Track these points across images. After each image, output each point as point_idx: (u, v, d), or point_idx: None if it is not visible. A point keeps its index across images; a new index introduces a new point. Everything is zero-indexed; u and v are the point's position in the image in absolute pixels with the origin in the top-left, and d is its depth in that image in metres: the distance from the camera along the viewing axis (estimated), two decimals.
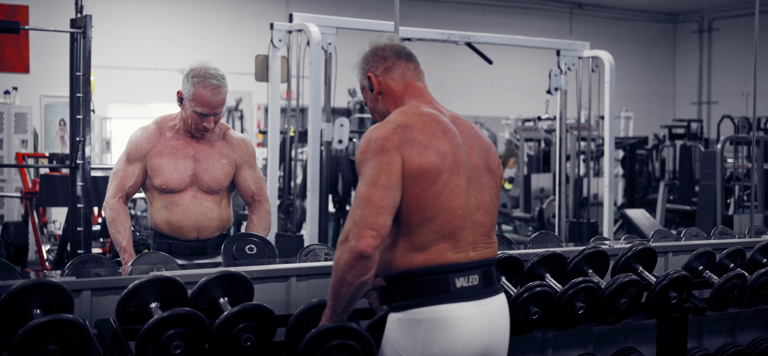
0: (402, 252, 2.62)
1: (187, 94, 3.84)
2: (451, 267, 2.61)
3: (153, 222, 4.01)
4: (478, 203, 2.69)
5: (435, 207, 2.58)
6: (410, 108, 2.72)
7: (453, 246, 2.62)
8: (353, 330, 2.72)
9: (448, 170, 2.60)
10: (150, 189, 3.97)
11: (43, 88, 12.37)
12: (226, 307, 2.87)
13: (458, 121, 2.77)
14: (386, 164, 2.55)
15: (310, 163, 6.78)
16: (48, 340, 2.47)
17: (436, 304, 2.58)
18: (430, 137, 2.61)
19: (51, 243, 8.63)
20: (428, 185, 2.57)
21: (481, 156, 2.74)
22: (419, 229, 2.59)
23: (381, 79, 2.80)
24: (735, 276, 3.85)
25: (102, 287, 2.93)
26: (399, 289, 2.63)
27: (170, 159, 3.90)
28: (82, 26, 5.81)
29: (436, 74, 17.25)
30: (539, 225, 10.72)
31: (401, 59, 2.82)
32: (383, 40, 2.85)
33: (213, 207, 3.98)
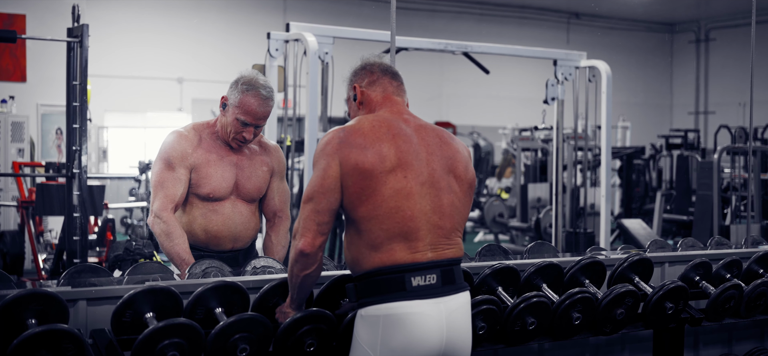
0: (360, 251, 2.77)
1: (234, 100, 3.71)
2: (407, 267, 2.73)
3: (186, 226, 3.78)
4: (436, 206, 2.80)
5: (380, 207, 2.72)
6: (371, 115, 2.90)
7: (408, 247, 2.74)
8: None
9: (389, 172, 2.74)
10: (188, 199, 3.78)
11: (40, 96, 12.37)
12: (221, 318, 2.86)
13: (424, 130, 2.90)
14: (324, 169, 2.74)
15: (307, 172, 6.78)
16: (43, 350, 2.45)
17: (392, 301, 2.71)
18: (373, 140, 2.76)
19: (47, 253, 8.61)
20: (367, 184, 2.72)
21: (442, 162, 2.85)
22: (369, 228, 2.74)
23: (364, 91, 2.98)
24: (731, 286, 3.85)
25: (97, 297, 2.91)
26: (362, 287, 2.78)
27: (216, 167, 3.77)
28: (78, 35, 5.80)
29: (433, 84, 17.29)
30: (536, 235, 10.72)
31: (386, 76, 3.00)
32: (374, 58, 3.05)
33: (250, 217, 3.87)
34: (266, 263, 3.52)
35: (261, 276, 3.30)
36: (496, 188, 14.16)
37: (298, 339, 2.89)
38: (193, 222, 3.78)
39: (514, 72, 16.95)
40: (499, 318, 3.32)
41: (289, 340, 2.88)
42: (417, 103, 15.26)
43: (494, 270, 3.47)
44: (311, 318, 2.90)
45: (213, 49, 14.94)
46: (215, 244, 3.79)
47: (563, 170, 9.00)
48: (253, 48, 11.20)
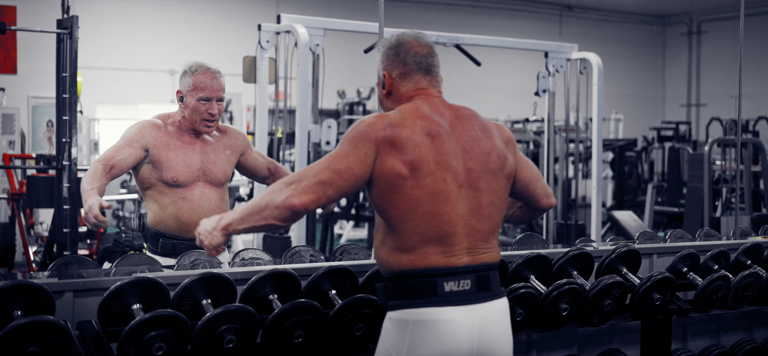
0: (391, 252, 2.65)
1: (187, 86, 3.89)
2: (440, 271, 2.61)
3: (157, 222, 3.93)
4: (474, 209, 2.67)
5: (416, 210, 2.60)
6: (409, 107, 2.73)
7: (442, 250, 2.62)
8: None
9: (427, 175, 2.60)
10: (156, 186, 3.91)
11: (31, 89, 12.34)
12: (208, 309, 2.86)
13: (461, 123, 2.75)
14: (360, 155, 2.60)
15: (298, 164, 6.77)
16: (28, 342, 2.45)
17: (423, 307, 2.59)
18: (413, 142, 2.62)
19: (38, 245, 8.60)
20: (403, 186, 2.60)
21: (480, 159, 2.71)
22: (402, 230, 2.62)
23: (394, 82, 2.81)
24: (719, 277, 3.86)
25: (84, 288, 2.91)
26: (392, 289, 2.67)
27: (178, 152, 3.89)
28: (68, 27, 5.79)
29: None
30: (527, 226, 10.73)
31: (419, 71, 2.80)
32: (411, 40, 2.82)
33: (219, 202, 3.98)
34: (254, 254, 3.53)
35: (249, 267, 3.30)
36: None
37: (286, 331, 2.89)
38: (164, 211, 3.91)
39: (505, 64, 16.95)
40: None
41: (277, 331, 2.88)
42: None
43: None
44: (300, 310, 2.90)
45: (205, 42, 14.89)
46: (186, 231, 3.88)
47: (555, 162, 9.01)
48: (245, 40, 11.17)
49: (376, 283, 2.77)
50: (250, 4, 15.43)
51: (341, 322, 3.00)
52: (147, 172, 3.90)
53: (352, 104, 12.46)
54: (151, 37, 14.69)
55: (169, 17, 14.94)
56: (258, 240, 6.82)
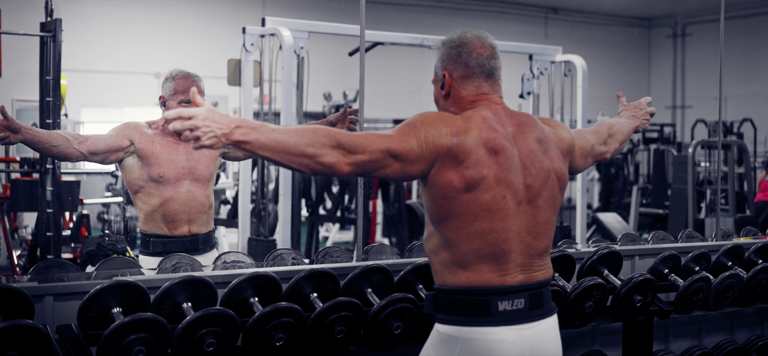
0: (446, 266, 2.60)
1: (168, 91, 4.13)
2: (495, 290, 2.55)
3: (148, 223, 4.13)
4: (531, 226, 2.61)
5: (472, 225, 2.53)
6: (474, 116, 2.60)
7: (498, 269, 2.56)
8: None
9: (487, 190, 2.52)
10: (145, 188, 4.10)
11: (15, 92, 12.29)
12: (189, 312, 2.85)
13: (522, 134, 2.65)
14: (423, 150, 2.50)
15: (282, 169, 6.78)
16: (7, 346, 2.45)
17: (475, 325, 2.54)
18: (476, 156, 2.52)
19: (22, 249, 8.57)
20: (460, 200, 2.52)
21: (540, 174, 2.64)
22: (457, 244, 2.55)
23: (454, 84, 2.69)
24: (699, 279, 3.88)
25: (64, 292, 2.91)
26: (443, 302, 2.61)
27: (164, 149, 4.09)
28: (51, 30, 5.79)
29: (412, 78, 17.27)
30: None
31: (481, 75, 2.68)
32: (475, 40, 2.70)
33: (204, 200, 4.19)
34: (236, 258, 3.53)
35: (230, 270, 3.30)
36: None
37: (266, 334, 2.89)
38: (154, 210, 4.11)
39: None
40: None
41: (258, 334, 2.88)
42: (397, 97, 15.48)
43: None
44: (280, 313, 2.90)
45: (191, 43, 14.87)
46: (173, 227, 4.12)
47: None
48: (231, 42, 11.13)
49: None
50: (238, 7, 15.41)
51: (322, 325, 3.00)
52: (136, 171, 4.08)
53: (338, 106, 12.47)
54: (136, 40, 14.65)
55: (154, 20, 14.90)
56: (243, 243, 6.82)
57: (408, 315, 3.16)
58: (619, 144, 3.27)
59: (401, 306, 3.12)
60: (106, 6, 14.37)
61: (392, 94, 16.98)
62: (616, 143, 3.25)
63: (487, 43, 2.71)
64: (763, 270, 4.13)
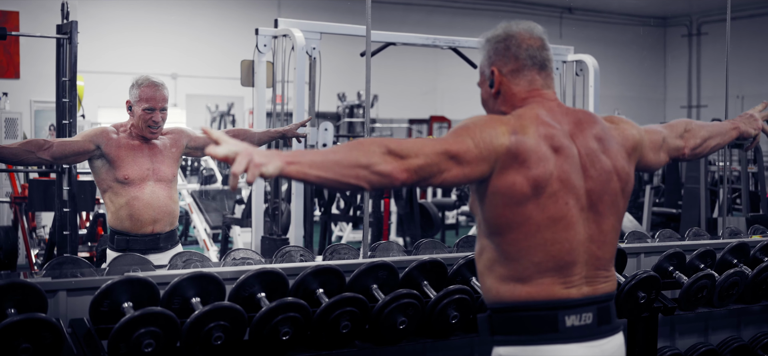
0: (502, 281, 2.38)
1: (135, 97, 4.32)
2: (561, 304, 2.33)
3: (114, 221, 4.33)
4: (594, 234, 2.39)
5: (533, 236, 2.31)
6: (527, 113, 2.39)
7: (562, 281, 2.35)
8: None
9: (549, 197, 2.31)
10: (112, 188, 4.30)
11: (33, 93, 12.42)
12: (197, 307, 2.93)
13: (581, 131, 2.43)
14: (482, 152, 2.26)
15: None
16: (21, 339, 2.53)
17: (542, 344, 2.32)
18: (538, 154, 2.30)
19: (40, 248, 8.68)
20: (521, 209, 2.30)
21: (602, 176, 2.41)
22: (517, 257, 2.34)
23: (504, 80, 2.47)
24: (704, 276, 3.92)
25: (77, 287, 2.99)
26: (502, 321, 2.38)
27: (129, 152, 4.29)
28: (68, 32, 5.87)
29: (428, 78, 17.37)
30: None
31: (534, 68, 2.46)
32: (522, 32, 2.49)
33: (168, 200, 4.39)
34: (245, 254, 3.61)
35: (238, 266, 3.37)
36: None
37: (273, 328, 2.96)
38: (120, 209, 4.30)
39: None
40: (473, 307, 3.39)
41: (265, 328, 2.95)
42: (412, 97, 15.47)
43: (468, 260, 3.54)
44: (286, 307, 2.97)
45: (206, 45, 14.99)
46: (138, 227, 4.31)
47: None
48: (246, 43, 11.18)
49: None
50: (253, 8, 15.52)
51: (327, 320, 3.07)
52: (103, 171, 4.29)
53: (353, 107, 12.54)
54: (152, 41, 14.79)
55: (172, 21, 15.03)
56: (256, 242, 6.90)
57: (412, 311, 3.22)
58: (703, 141, 2.92)
59: (406, 302, 3.19)
60: (122, 8, 14.50)
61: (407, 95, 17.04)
62: (698, 139, 2.90)
63: (536, 34, 2.50)
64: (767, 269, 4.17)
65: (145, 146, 4.34)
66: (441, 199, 13.00)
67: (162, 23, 14.96)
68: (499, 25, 2.54)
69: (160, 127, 4.35)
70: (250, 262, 3.50)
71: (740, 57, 15.71)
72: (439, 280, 3.49)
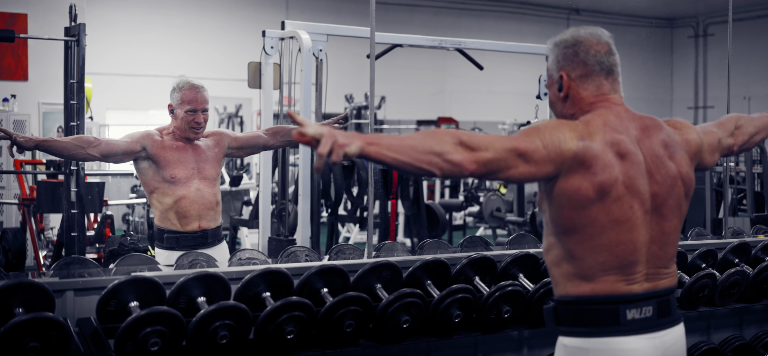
0: (568, 278, 2.49)
1: (176, 100, 4.46)
2: (623, 298, 2.44)
3: (162, 220, 4.45)
4: (656, 235, 2.49)
5: (598, 238, 2.42)
6: (596, 119, 2.47)
7: (625, 278, 2.45)
8: None
9: (614, 201, 2.40)
10: (159, 188, 4.43)
11: (42, 95, 12.48)
12: (203, 306, 2.97)
13: (647, 136, 2.52)
14: (550, 154, 2.35)
15: (302, 168, 6.87)
16: (29, 337, 2.57)
17: (605, 336, 2.43)
18: (604, 160, 2.39)
19: (48, 249, 8.73)
20: (586, 212, 2.40)
21: (667, 180, 2.50)
22: (582, 257, 2.45)
23: (573, 84, 2.54)
24: (705, 275, 3.94)
25: (84, 287, 3.04)
26: (567, 313, 2.51)
27: (174, 153, 4.44)
28: (75, 34, 5.91)
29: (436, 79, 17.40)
30: (531, 228, 10.82)
31: (601, 73, 2.53)
32: (590, 38, 2.55)
33: (212, 198, 4.53)
34: (251, 254, 3.65)
35: (244, 266, 3.42)
36: (496, 183, 14.25)
37: (278, 327, 3.00)
38: (168, 209, 4.43)
39: (513, 67, 17.04)
40: (475, 306, 3.42)
41: (270, 327, 2.99)
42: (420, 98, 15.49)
43: (471, 260, 3.58)
44: (291, 307, 3.01)
45: (214, 47, 15.04)
46: (185, 224, 4.44)
47: None
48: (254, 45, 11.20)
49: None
50: (260, 10, 15.56)
51: (332, 319, 3.11)
52: (150, 173, 4.43)
53: (360, 108, 12.57)
54: (160, 43, 14.85)
55: (179, 24, 15.09)
56: (263, 243, 6.93)
57: (416, 310, 3.26)
58: (750, 137, 3.00)
59: (409, 301, 3.22)
60: (129, 10, 14.56)
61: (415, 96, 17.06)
62: (745, 136, 2.99)
63: (603, 40, 2.56)
64: None
65: (189, 147, 4.49)
66: (448, 201, 13.02)
67: (169, 25, 15.02)
68: (567, 30, 2.61)
69: (202, 127, 4.49)
70: (255, 262, 3.55)
71: (747, 58, 15.72)
72: (443, 280, 3.53)
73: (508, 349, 3.96)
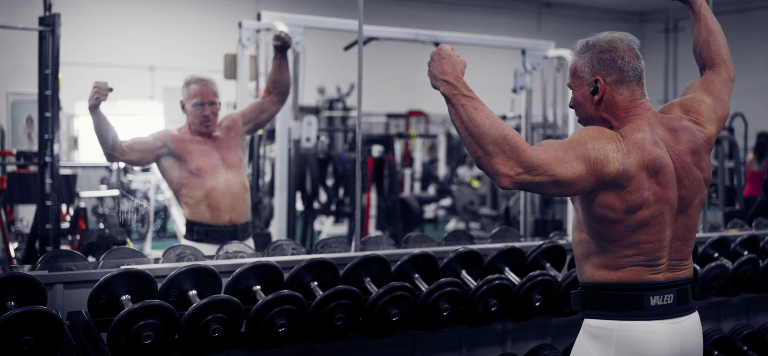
0: (596, 268, 2.64)
1: (185, 96, 4.51)
2: (647, 286, 2.59)
3: (193, 214, 4.49)
4: (680, 233, 2.64)
5: (627, 237, 2.56)
6: (635, 137, 2.55)
7: (649, 269, 2.60)
8: None
9: (646, 208, 2.53)
10: (188, 183, 4.46)
11: (10, 84, 12.34)
12: (194, 300, 2.96)
13: (676, 140, 2.64)
14: (600, 160, 2.46)
15: (279, 160, 6.87)
16: (23, 331, 2.55)
17: (629, 320, 2.59)
18: (637, 181, 2.51)
19: (18, 241, 8.62)
20: (618, 217, 2.53)
21: (693, 184, 2.64)
22: (610, 251, 2.59)
23: (608, 89, 2.63)
24: (715, 266, 4.02)
25: (74, 280, 3.01)
26: (593, 298, 2.65)
27: (195, 145, 4.47)
28: (50, 24, 5.85)
29: (405, 72, 17.37)
30: (505, 222, 10.88)
31: (634, 80, 2.63)
32: (623, 44, 2.65)
33: (241, 188, 4.56)
34: (238, 248, 3.63)
35: (233, 260, 3.41)
36: (468, 176, 14.30)
37: (269, 320, 2.99)
38: (198, 202, 4.46)
39: (484, 61, 17.06)
40: (463, 299, 3.44)
41: (262, 320, 2.99)
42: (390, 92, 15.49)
43: (458, 254, 3.60)
44: (283, 300, 3.01)
45: (184, 37, 14.94)
46: (217, 216, 4.47)
47: None
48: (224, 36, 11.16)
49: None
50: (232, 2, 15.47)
51: (322, 312, 3.11)
52: (175, 169, 4.46)
53: (332, 101, 12.55)
54: (130, 33, 14.71)
55: (149, 14, 14.96)
56: None
57: (405, 303, 3.27)
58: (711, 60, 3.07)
59: (399, 294, 3.23)
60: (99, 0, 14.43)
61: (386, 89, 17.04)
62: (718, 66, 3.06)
63: (634, 46, 2.67)
64: (748, 262, 4.25)
65: (207, 139, 4.52)
66: (421, 194, 13.06)
67: (139, 15, 14.88)
68: (599, 34, 2.70)
69: (212, 120, 4.50)
70: (242, 255, 3.53)
71: None
72: (430, 273, 3.55)
73: (493, 342, 3.98)
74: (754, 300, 4.69)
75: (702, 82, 2.92)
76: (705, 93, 2.86)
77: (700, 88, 2.88)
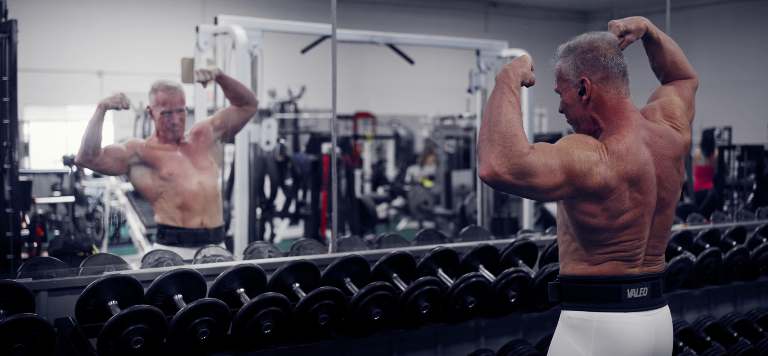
0: (576, 262, 2.71)
1: (152, 102, 4.50)
2: (624, 279, 2.67)
3: (165, 218, 4.48)
4: (657, 231, 2.72)
5: (609, 240, 2.63)
6: (617, 146, 2.60)
7: (627, 264, 2.67)
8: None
9: (627, 212, 2.60)
10: (162, 191, 4.45)
11: None
12: (180, 304, 2.98)
13: (656, 142, 2.70)
14: (583, 172, 2.51)
15: (238, 163, 6.88)
16: (14, 338, 2.55)
17: (607, 311, 2.66)
18: (618, 191, 2.57)
19: None
20: (600, 222, 2.59)
21: (672, 186, 2.72)
22: (590, 249, 2.67)
23: (595, 88, 2.69)
24: (681, 260, 4.17)
25: (59, 287, 3.01)
26: (572, 290, 2.72)
27: (164, 152, 4.47)
28: (7, 31, 5.79)
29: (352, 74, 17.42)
30: (461, 221, 10.98)
31: (619, 75, 2.69)
32: (604, 42, 2.72)
33: (214, 190, 4.58)
34: (216, 252, 3.65)
35: (217, 263, 3.43)
36: (419, 176, 14.39)
37: (255, 322, 3.02)
38: (173, 208, 4.47)
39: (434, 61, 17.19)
40: (441, 297, 3.50)
41: (248, 323, 3.01)
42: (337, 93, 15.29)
43: (434, 253, 3.66)
44: (268, 302, 3.04)
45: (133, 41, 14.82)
46: (188, 218, 4.48)
47: None
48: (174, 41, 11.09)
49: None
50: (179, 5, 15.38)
51: (306, 313, 3.15)
52: (148, 177, 4.46)
53: (284, 103, 12.55)
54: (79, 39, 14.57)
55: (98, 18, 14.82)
56: None
57: (386, 303, 3.32)
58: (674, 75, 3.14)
59: (380, 294, 3.29)
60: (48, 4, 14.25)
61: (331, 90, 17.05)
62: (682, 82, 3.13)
63: (614, 43, 2.74)
64: (711, 255, 4.38)
65: (177, 145, 4.52)
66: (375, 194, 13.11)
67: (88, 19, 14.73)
68: (578, 37, 2.78)
69: (179, 127, 4.49)
70: (220, 259, 3.55)
71: None
72: (408, 273, 3.60)
73: (466, 339, 4.05)
74: (714, 291, 4.82)
75: (675, 88, 2.99)
76: (680, 98, 2.94)
77: (674, 93, 2.95)
